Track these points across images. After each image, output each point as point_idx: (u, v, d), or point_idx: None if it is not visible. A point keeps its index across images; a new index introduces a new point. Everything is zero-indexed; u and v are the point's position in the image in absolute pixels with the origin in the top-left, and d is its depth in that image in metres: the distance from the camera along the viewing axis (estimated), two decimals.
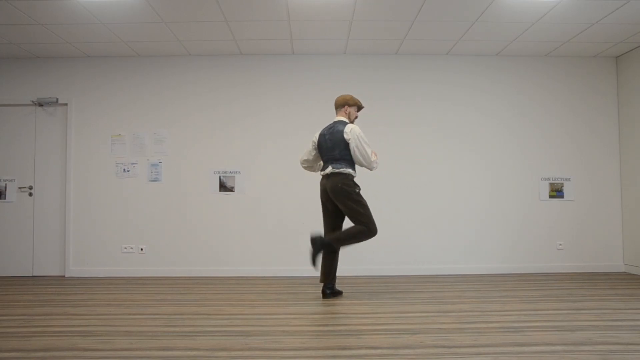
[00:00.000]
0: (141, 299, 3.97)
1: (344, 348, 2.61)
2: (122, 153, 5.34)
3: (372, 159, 3.81)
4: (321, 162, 4.04)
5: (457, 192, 5.34)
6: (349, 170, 3.81)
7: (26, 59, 5.38)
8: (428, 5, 4.14)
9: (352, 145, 3.77)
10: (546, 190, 5.36)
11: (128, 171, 5.33)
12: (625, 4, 4.05)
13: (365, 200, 3.83)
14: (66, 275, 5.25)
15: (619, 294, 4.05)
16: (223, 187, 5.31)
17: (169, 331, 2.97)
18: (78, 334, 2.91)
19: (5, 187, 5.35)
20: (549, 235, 5.34)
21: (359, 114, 4.12)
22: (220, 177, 5.32)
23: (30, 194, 5.37)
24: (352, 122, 3.98)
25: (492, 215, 5.34)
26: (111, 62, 5.40)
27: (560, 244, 5.33)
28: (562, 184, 5.37)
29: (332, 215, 3.94)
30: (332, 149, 3.84)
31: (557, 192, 5.37)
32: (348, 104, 3.98)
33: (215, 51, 5.26)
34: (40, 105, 5.38)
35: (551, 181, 5.38)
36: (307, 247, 5.23)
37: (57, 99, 5.32)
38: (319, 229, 5.28)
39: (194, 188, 5.32)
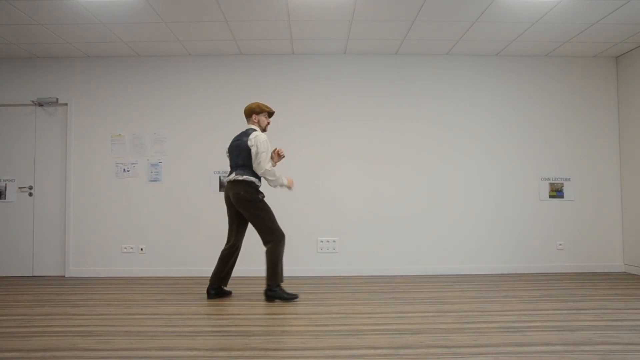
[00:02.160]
0: (141, 299, 3.97)
1: (344, 348, 2.61)
2: (122, 153, 5.34)
3: (264, 169, 3.77)
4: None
5: (456, 191, 5.34)
6: (252, 178, 3.80)
7: (26, 59, 5.38)
8: (428, 5, 4.14)
9: (253, 152, 3.79)
10: (546, 190, 5.36)
11: (128, 171, 5.33)
12: (625, 4, 4.05)
13: (268, 207, 3.83)
14: (66, 275, 5.25)
15: (619, 294, 4.05)
16: (223, 187, 5.31)
17: (169, 331, 2.97)
18: (78, 334, 2.91)
19: (5, 187, 5.35)
20: (549, 235, 5.34)
21: (272, 119, 4.10)
22: (220, 177, 5.32)
23: (30, 194, 5.37)
24: (264, 129, 4.00)
25: (491, 215, 5.34)
26: (111, 62, 5.40)
27: (560, 244, 5.33)
28: (562, 184, 5.37)
29: (235, 221, 3.94)
30: (238, 156, 3.86)
31: (557, 192, 5.36)
32: (255, 112, 3.96)
33: (215, 51, 5.26)
34: (40, 105, 5.38)
35: (551, 181, 5.38)
36: (303, 252, 5.24)
37: (57, 99, 5.32)
38: (315, 230, 5.29)
39: (194, 188, 5.32)
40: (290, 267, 5.22)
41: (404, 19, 4.43)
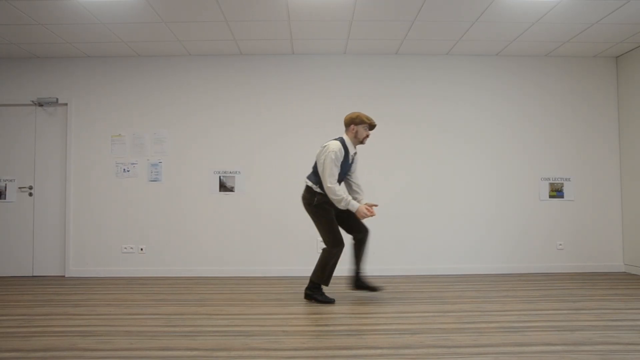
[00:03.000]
0: (141, 299, 3.97)
1: (344, 348, 2.61)
2: (122, 153, 5.34)
3: (326, 185, 3.63)
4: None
5: (456, 192, 5.34)
6: (311, 184, 3.78)
7: (26, 59, 5.38)
8: (428, 5, 4.14)
9: (318, 157, 3.76)
10: (546, 190, 5.36)
11: (128, 171, 5.33)
12: (625, 4, 4.05)
13: (326, 213, 3.76)
14: (66, 275, 5.25)
15: (619, 294, 4.05)
16: (223, 187, 5.31)
17: (169, 331, 2.97)
18: (78, 334, 2.91)
19: (5, 187, 5.35)
20: (549, 235, 5.34)
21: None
22: (220, 177, 5.32)
23: (30, 194, 5.37)
24: (361, 141, 3.84)
25: (492, 216, 5.34)
26: (111, 62, 5.40)
27: (560, 244, 5.33)
28: (562, 184, 5.37)
29: (338, 219, 3.90)
30: (316, 161, 3.87)
31: (557, 192, 5.36)
32: (354, 123, 3.78)
33: (215, 51, 5.26)
34: (40, 105, 5.38)
35: (551, 181, 5.38)
36: (303, 252, 5.23)
37: (57, 99, 5.32)
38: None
39: (194, 188, 5.32)
40: (290, 267, 5.22)
41: (404, 19, 4.43)
